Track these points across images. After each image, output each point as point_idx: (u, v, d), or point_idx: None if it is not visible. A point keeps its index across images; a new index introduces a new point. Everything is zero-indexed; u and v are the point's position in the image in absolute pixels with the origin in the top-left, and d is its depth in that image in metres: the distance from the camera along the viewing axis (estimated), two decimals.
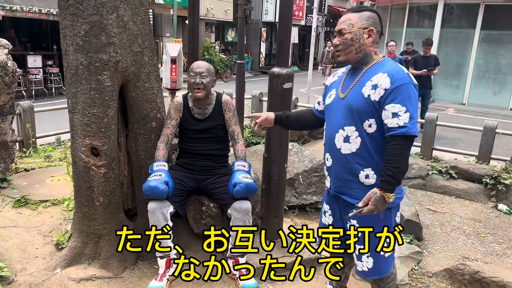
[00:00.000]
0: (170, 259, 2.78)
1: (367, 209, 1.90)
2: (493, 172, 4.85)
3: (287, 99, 3.01)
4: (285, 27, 2.99)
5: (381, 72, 1.95)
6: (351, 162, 2.03)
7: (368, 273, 2.15)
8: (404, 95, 1.87)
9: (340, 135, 2.04)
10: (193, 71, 2.88)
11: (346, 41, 2.02)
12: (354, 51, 2.02)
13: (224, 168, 3.02)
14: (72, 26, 2.59)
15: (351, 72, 2.12)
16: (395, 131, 1.87)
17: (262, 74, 21.88)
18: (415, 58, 8.09)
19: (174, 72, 5.25)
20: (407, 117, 1.86)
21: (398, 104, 1.87)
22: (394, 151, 1.87)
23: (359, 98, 1.98)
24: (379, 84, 1.92)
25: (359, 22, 2.01)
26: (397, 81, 1.89)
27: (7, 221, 3.48)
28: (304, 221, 3.86)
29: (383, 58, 2.05)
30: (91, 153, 2.77)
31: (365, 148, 1.99)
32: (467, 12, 12.67)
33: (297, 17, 24.48)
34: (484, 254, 3.54)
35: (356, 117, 1.98)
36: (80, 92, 2.68)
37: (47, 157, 5.40)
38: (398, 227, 2.11)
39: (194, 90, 2.87)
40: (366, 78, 1.99)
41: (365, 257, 2.12)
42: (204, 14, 19.42)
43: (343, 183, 2.09)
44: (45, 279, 2.71)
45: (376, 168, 2.00)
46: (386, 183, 1.87)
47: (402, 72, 1.93)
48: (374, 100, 1.92)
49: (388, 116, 1.89)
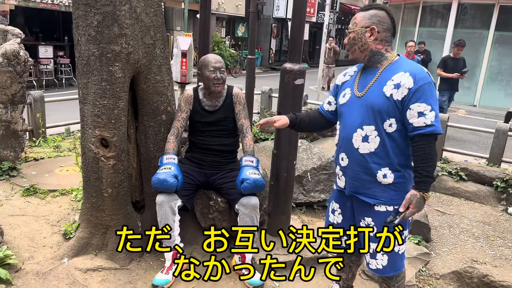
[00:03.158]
0: (176, 252, 2.77)
1: (410, 212, 1.91)
2: (504, 175, 4.78)
3: (298, 96, 2.99)
4: (298, 23, 2.96)
5: (402, 72, 1.94)
6: (368, 162, 2.02)
7: (384, 271, 2.14)
8: (428, 94, 1.88)
9: (358, 134, 2.03)
10: (211, 65, 2.83)
11: (349, 40, 2.07)
12: (357, 50, 2.05)
13: (233, 163, 3.00)
14: (84, 16, 2.59)
15: (365, 70, 2.10)
16: (422, 130, 1.88)
17: (271, 70, 21.82)
18: (444, 59, 7.70)
19: (184, 66, 5.23)
20: (433, 116, 1.87)
21: (423, 103, 1.87)
22: (424, 150, 1.89)
23: (380, 97, 1.96)
24: (402, 84, 1.91)
25: (362, 21, 2.03)
26: (420, 80, 1.89)
27: (16, 209, 3.51)
28: (311, 218, 3.84)
29: (398, 56, 2.04)
30: (100, 144, 2.77)
31: (384, 148, 1.98)
32: (481, 12, 12.50)
33: (308, 13, 24.37)
34: (493, 257, 3.49)
35: (377, 117, 1.97)
36: (91, 83, 2.67)
37: (56, 147, 5.44)
38: (398, 227, 2.09)
39: (214, 85, 2.85)
40: (386, 77, 1.98)
41: (380, 255, 2.11)
42: (215, 9, 19.38)
43: (360, 182, 2.07)
44: (52, 268, 2.73)
45: (393, 168, 1.99)
46: (423, 184, 1.89)
47: (423, 71, 1.93)
48: (397, 100, 1.92)
49: (413, 116, 1.89)
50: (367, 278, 3.02)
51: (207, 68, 2.84)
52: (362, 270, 3.06)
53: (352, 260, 2.43)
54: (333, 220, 2.30)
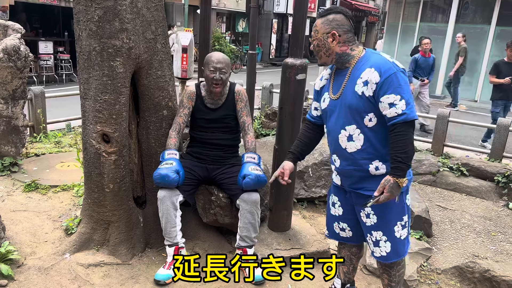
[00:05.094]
0: (178, 247, 2.78)
1: (383, 197, 1.96)
2: (506, 170, 4.78)
3: (300, 91, 2.98)
4: (300, 18, 2.95)
5: (368, 68, 2.01)
6: (358, 159, 2.09)
7: (387, 257, 2.19)
8: (395, 84, 1.94)
9: (343, 135, 2.10)
10: (212, 65, 2.79)
11: (314, 48, 2.13)
12: (324, 55, 2.11)
13: (234, 158, 3.00)
14: (85, 11, 2.58)
15: (338, 72, 2.16)
16: (395, 120, 1.94)
17: (272, 65, 21.77)
18: (497, 64, 6.67)
19: (185, 61, 5.22)
20: (403, 104, 1.93)
21: (391, 94, 1.93)
22: (398, 138, 1.94)
23: (354, 97, 2.03)
24: (369, 80, 1.98)
25: (322, 28, 2.09)
26: (385, 72, 1.95)
27: (17, 205, 3.51)
28: (312, 214, 3.84)
29: (364, 51, 2.09)
30: (102, 139, 2.76)
31: (369, 143, 2.05)
32: (483, 7, 12.44)
33: (309, 8, 24.24)
34: (494, 252, 3.49)
35: (356, 115, 2.04)
36: (93, 78, 2.67)
37: (57, 143, 5.43)
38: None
39: (212, 85, 2.83)
40: (356, 76, 2.04)
41: (382, 242, 2.17)
42: (215, 4, 19.32)
43: (355, 179, 2.15)
44: (54, 264, 2.73)
45: (383, 158, 2.07)
46: (397, 170, 1.94)
47: (387, 63, 1.98)
48: (369, 96, 1.99)
49: (385, 108, 1.96)
50: (368, 273, 3.02)
51: (208, 67, 2.81)
52: (364, 265, 3.07)
53: (353, 252, 2.46)
54: (334, 212, 2.36)
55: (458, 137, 7.23)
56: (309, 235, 3.25)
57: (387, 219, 2.13)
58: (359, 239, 2.37)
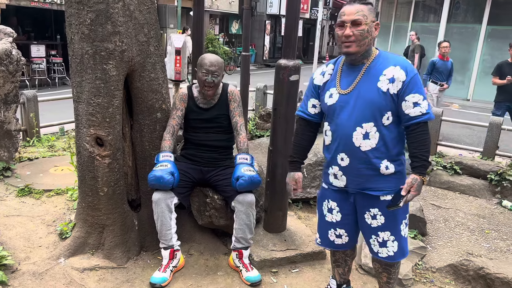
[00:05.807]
0: (173, 250, 2.77)
1: (411, 196, 1.98)
2: (498, 168, 4.82)
3: (293, 92, 2.99)
4: (292, 18, 2.95)
5: (392, 66, 2.00)
6: (371, 158, 2.06)
7: (394, 257, 2.20)
8: (419, 85, 1.99)
9: (358, 132, 2.04)
10: (205, 68, 2.78)
11: (363, 32, 1.96)
12: (366, 44, 2.01)
13: (229, 160, 3.00)
14: (77, 15, 2.57)
15: (348, 67, 2.10)
16: (420, 119, 1.97)
17: (266, 67, 21.80)
18: (500, 65, 6.54)
19: (178, 64, 5.22)
20: (426, 104, 1.97)
21: (416, 93, 1.97)
22: (422, 136, 1.98)
23: (376, 93, 2.00)
24: (396, 77, 1.98)
25: (371, 15, 2.00)
26: (411, 72, 1.98)
27: (11, 210, 3.49)
28: (307, 214, 3.85)
29: (378, 50, 2.10)
30: (95, 143, 2.75)
31: (383, 141, 2.05)
32: (474, 7, 12.56)
33: (301, 10, 24.32)
34: (488, 250, 3.52)
35: (376, 112, 2.01)
36: (85, 81, 2.66)
37: (51, 147, 5.40)
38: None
39: (204, 88, 2.83)
40: (375, 73, 2.01)
41: (390, 242, 2.17)
42: (208, 6, 19.32)
43: (364, 178, 2.10)
44: (48, 268, 2.71)
45: (391, 159, 2.08)
46: (422, 168, 1.98)
47: (410, 63, 2.04)
48: (393, 93, 1.99)
49: (409, 106, 1.97)
50: (364, 273, 3.03)
51: (201, 69, 2.81)
52: (359, 264, 3.08)
53: (347, 253, 2.46)
54: (331, 219, 2.28)
55: (451, 135, 7.28)
56: (304, 235, 3.26)
57: (395, 218, 2.12)
58: (352, 244, 2.35)
